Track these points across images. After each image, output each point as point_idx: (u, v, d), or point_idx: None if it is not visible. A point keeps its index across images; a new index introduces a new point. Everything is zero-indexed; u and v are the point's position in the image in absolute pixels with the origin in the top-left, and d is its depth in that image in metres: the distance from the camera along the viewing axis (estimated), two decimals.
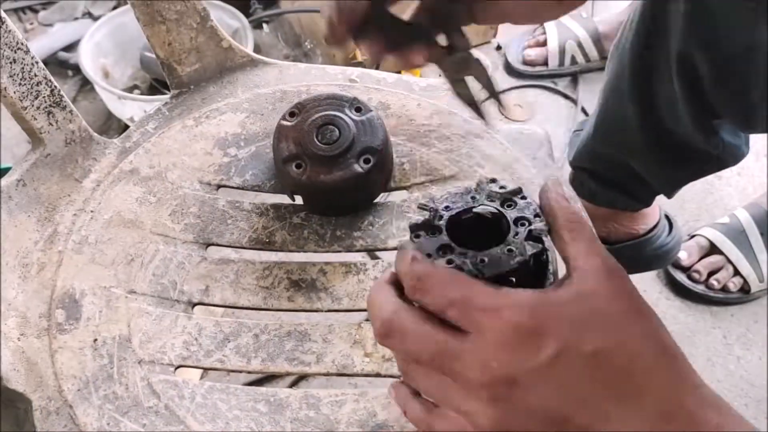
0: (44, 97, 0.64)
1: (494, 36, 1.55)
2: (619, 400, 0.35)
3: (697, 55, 0.71)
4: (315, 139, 0.62)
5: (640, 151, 0.88)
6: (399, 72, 0.54)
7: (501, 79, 1.48)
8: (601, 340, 0.35)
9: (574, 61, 1.43)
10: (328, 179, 0.61)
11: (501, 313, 0.35)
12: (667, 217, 1.10)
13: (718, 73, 0.71)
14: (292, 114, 0.64)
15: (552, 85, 1.44)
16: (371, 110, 0.64)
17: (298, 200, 0.65)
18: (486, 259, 0.38)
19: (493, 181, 0.43)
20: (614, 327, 0.36)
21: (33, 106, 0.64)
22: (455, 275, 0.37)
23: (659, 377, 0.36)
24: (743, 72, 0.69)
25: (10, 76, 0.61)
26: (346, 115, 0.63)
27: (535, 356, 0.34)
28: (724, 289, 1.11)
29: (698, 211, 1.25)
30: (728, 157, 0.87)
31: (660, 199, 1.01)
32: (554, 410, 0.35)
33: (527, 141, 0.67)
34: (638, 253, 1.06)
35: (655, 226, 1.06)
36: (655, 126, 0.83)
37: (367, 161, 0.61)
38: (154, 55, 0.73)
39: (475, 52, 0.54)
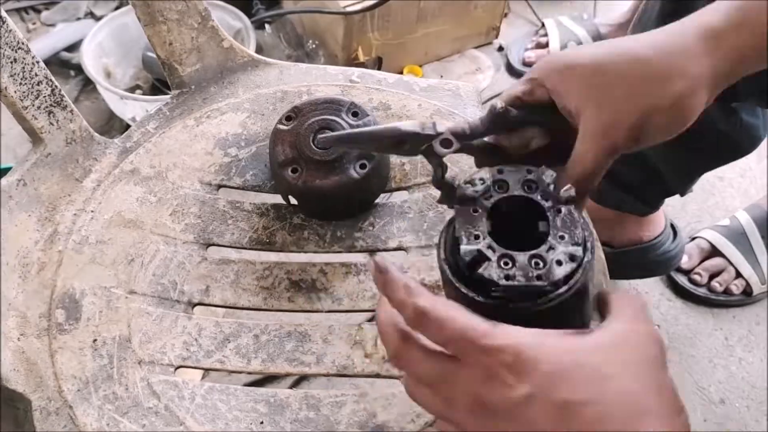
0: (45, 96, 0.64)
1: (496, 37, 1.55)
2: None
3: None
4: (311, 144, 0.62)
5: None
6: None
7: (503, 81, 1.48)
8: (571, 394, 0.36)
9: None
10: (323, 184, 0.61)
11: (490, 352, 0.37)
12: (672, 225, 1.09)
13: None
14: (288, 118, 0.64)
15: None
16: (368, 115, 0.63)
17: (296, 202, 0.65)
18: (515, 284, 0.40)
19: (549, 174, 0.44)
20: (593, 382, 0.36)
21: (33, 105, 0.64)
22: (451, 313, 0.38)
23: None
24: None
25: (11, 76, 0.61)
26: (343, 119, 0.63)
27: (509, 394, 0.36)
28: (727, 291, 1.11)
29: (700, 213, 1.25)
30: (745, 138, 0.86)
31: (664, 205, 1.01)
32: None
33: None
34: (642, 259, 1.06)
35: (660, 234, 1.06)
36: None
37: (363, 166, 0.61)
38: (155, 55, 0.73)
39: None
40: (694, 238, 1.15)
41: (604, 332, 0.39)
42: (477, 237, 0.41)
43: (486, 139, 0.51)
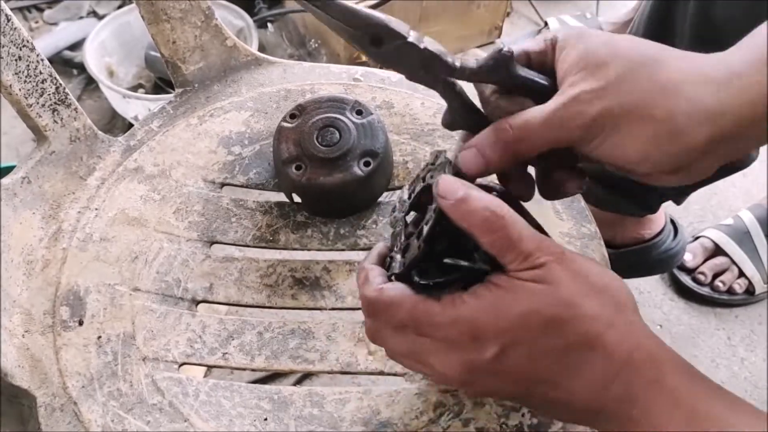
0: (49, 94, 0.64)
1: (498, 36, 1.55)
2: (567, 368, 0.39)
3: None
4: (315, 141, 0.62)
5: None
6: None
7: None
8: (553, 311, 0.39)
9: None
10: (327, 181, 0.61)
11: (445, 329, 0.40)
12: (672, 221, 1.09)
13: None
14: (292, 116, 0.64)
15: None
16: (372, 113, 0.64)
17: (299, 200, 0.65)
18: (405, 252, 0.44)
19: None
20: (556, 308, 0.39)
21: (38, 103, 0.64)
22: (398, 299, 0.41)
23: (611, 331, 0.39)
24: None
25: (16, 74, 0.61)
26: (347, 117, 0.63)
27: (482, 357, 0.40)
28: (730, 290, 1.11)
29: (702, 212, 1.25)
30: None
31: (666, 204, 1.01)
32: (510, 389, 0.41)
33: None
34: (643, 258, 1.06)
35: (660, 232, 1.06)
36: None
37: (367, 164, 0.61)
38: (158, 54, 0.73)
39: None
40: (697, 237, 1.15)
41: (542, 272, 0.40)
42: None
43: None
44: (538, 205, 0.60)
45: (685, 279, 1.13)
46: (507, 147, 0.43)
